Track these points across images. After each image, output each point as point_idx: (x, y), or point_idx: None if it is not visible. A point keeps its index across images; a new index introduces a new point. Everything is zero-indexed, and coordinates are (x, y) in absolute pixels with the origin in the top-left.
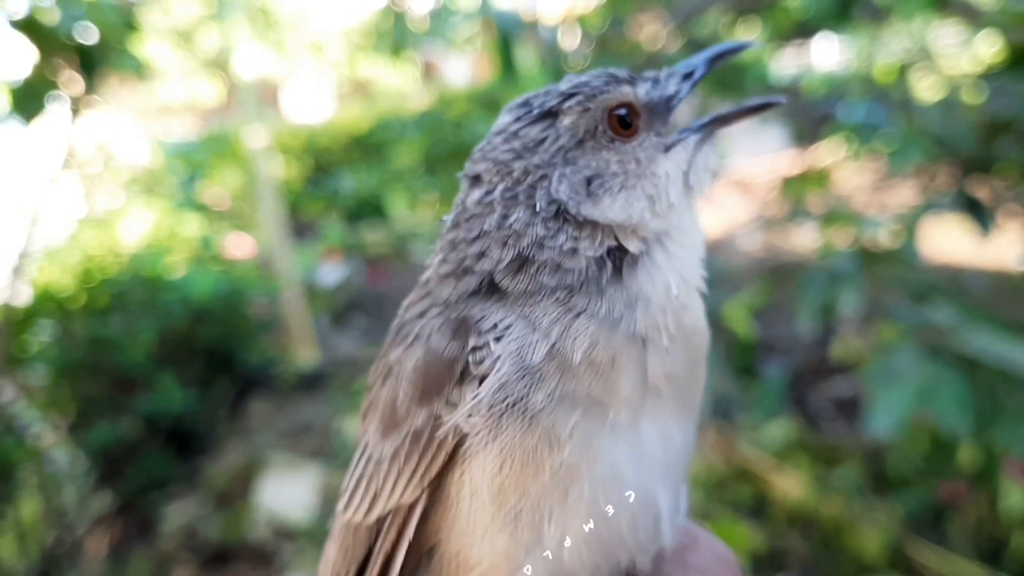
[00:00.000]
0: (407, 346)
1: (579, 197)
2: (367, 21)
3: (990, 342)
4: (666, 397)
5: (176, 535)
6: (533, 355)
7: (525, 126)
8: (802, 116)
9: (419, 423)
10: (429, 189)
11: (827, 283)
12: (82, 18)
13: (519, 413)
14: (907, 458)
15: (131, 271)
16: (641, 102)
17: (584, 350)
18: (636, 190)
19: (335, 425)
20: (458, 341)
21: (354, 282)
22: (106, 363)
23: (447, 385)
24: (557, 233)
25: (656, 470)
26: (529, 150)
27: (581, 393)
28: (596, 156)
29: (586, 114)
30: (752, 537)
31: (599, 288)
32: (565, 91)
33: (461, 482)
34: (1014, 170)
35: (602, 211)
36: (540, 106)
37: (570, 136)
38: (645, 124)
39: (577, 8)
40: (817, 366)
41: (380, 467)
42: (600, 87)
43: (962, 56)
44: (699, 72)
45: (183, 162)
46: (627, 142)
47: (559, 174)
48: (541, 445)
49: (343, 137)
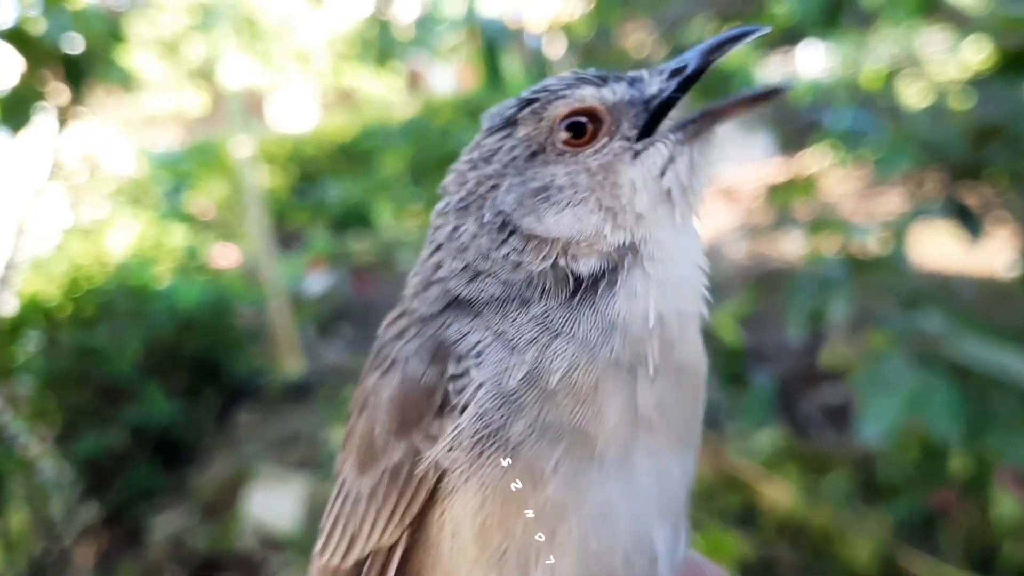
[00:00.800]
0: (384, 372)
1: (523, 210)
2: (352, 30)
3: (980, 349)
4: (661, 430)
5: (163, 545)
6: (509, 380)
7: (486, 136)
8: (788, 123)
9: (397, 458)
10: (415, 198)
11: (816, 290)
12: (68, 28)
13: (498, 445)
14: (897, 466)
15: (117, 281)
16: (608, 104)
17: (562, 373)
18: (588, 203)
19: (322, 435)
20: (436, 367)
21: (340, 291)
22: (93, 373)
23: (426, 416)
24: (501, 245)
25: (651, 508)
26: (485, 160)
27: (564, 423)
28: (545, 168)
29: (539, 124)
30: (741, 546)
31: (571, 308)
32: (526, 98)
33: (442, 521)
34: (1003, 176)
35: (546, 226)
36: (502, 114)
37: (524, 147)
38: (611, 129)
39: (563, 16)
40: (806, 374)
41: (358, 506)
42: (557, 93)
43: (950, 62)
44: (692, 67)
45: (169, 172)
46: (579, 152)
47: (508, 184)
48: (523, 481)
49: (329, 146)
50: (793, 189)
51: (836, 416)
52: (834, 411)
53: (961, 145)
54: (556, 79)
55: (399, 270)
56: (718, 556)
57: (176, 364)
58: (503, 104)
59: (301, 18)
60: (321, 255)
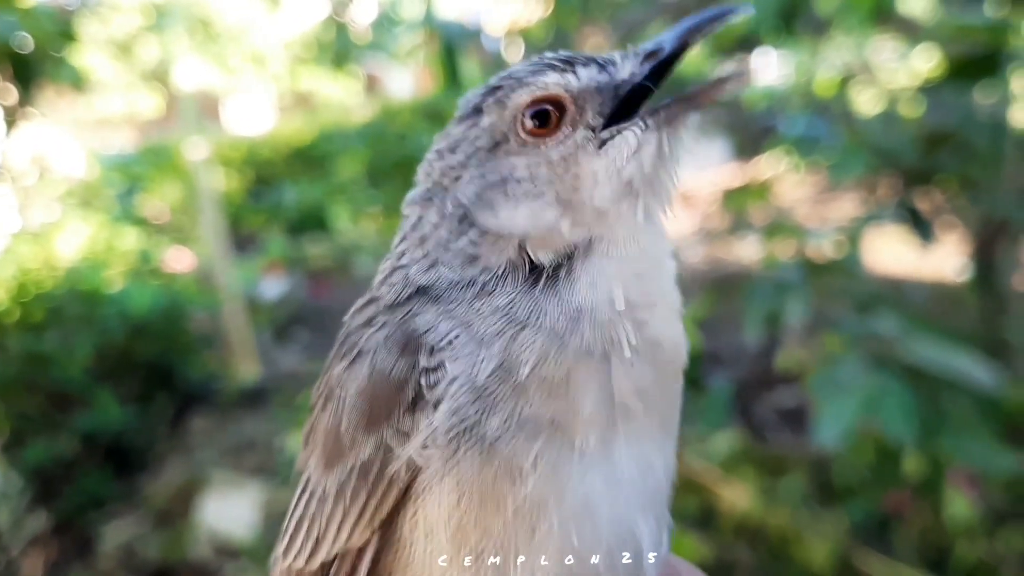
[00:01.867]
0: (351, 362)
1: (481, 203)
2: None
3: (933, 352)
4: (640, 417)
5: (115, 555)
6: (479, 374)
7: (455, 124)
8: (743, 129)
9: (366, 455)
10: (373, 202)
11: (772, 294)
12: (17, 27)
13: (475, 442)
14: (852, 468)
15: (67, 285)
16: (572, 92)
17: (532, 365)
18: (545, 197)
19: (278, 441)
20: (406, 359)
21: (296, 296)
22: (41, 379)
23: (396, 410)
24: (460, 237)
25: (635, 500)
26: (450, 149)
27: (541, 417)
28: (506, 160)
29: (503, 113)
30: (700, 549)
31: (534, 299)
32: (493, 85)
33: (415, 521)
34: (953, 182)
35: (499, 221)
36: (470, 102)
37: (488, 137)
38: (576, 118)
39: (521, 20)
40: (762, 377)
41: (324, 505)
42: (521, 80)
43: (901, 69)
44: (668, 49)
45: (121, 175)
46: (541, 143)
47: (469, 176)
48: (501, 477)
49: (285, 149)
50: (749, 194)
51: (792, 419)
52: (790, 414)
53: (912, 151)
54: (523, 64)
55: (356, 274)
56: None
57: (128, 369)
58: (476, 89)
59: (257, 20)
60: (277, 259)
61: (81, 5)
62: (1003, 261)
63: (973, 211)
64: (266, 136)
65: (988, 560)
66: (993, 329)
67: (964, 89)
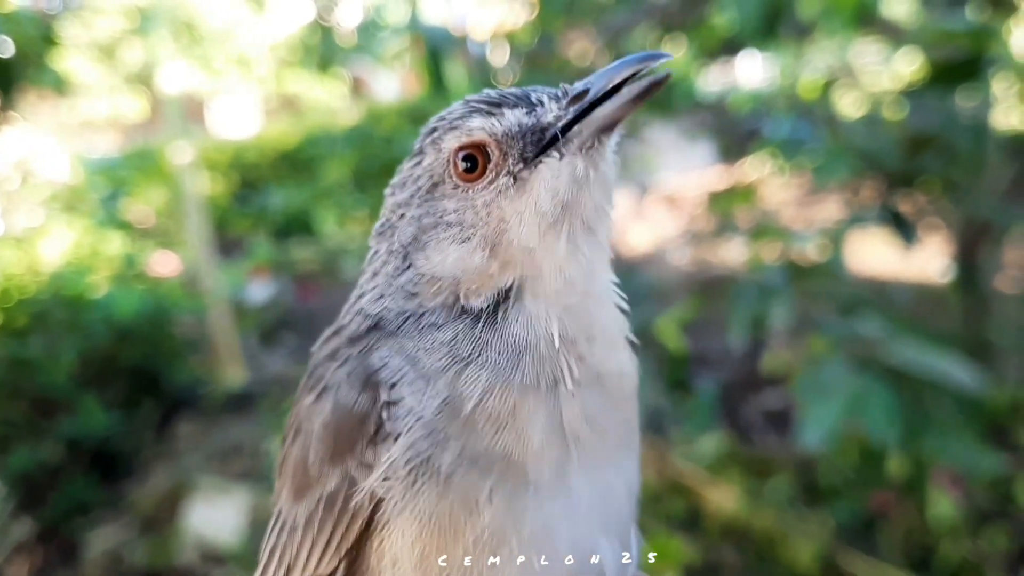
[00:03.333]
0: (316, 397)
1: (416, 245)
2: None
3: (916, 353)
4: (593, 443)
5: (100, 561)
6: (426, 410)
7: (405, 161)
8: (729, 132)
9: (332, 486)
10: (359, 205)
11: (757, 297)
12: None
13: (431, 475)
14: (837, 469)
15: (51, 290)
16: (496, 136)
17: (476, 401)
18: (473, 240)
19: (264, 446)
20: (368, 394)
21: (283, 300)
22: (26, 385)
23: (359, 443)
24: (401, 274)
25: (594, 523)
26: (400, 186)
27: (492, 450)
28: (441, 202)
29: (439, 155)
30: (686, 550)
31: (476, 335)
32: (431, 126)
33: (381, 551)
34: (936, 184)
35: (432, 265)
36: (420, 138)
37: (427, 178)
38: (499, 163)
39: (506, 24)
40: (747, 379)
41: (294, 535)
42: (451, 123)
43: (883, 73)
44: (593, 91)
45: (106, 179)
46: (471, 187)
47: (409, 216)
48: (458, 509)
49: (271, 153)
50: (734, 197)
51: (778, 420)
52: (776, 415)
53: (896, 154)
54: (458, 105)
55: (343, 278)
56: (665, 561)
57: (113, 375)
58: (427, 124)
59: (242, 23)
60: (263, 263)
61: (63, 9)
62: (986, 262)
63: (956, 213)
64: (252, 139)
65: (972, 559)
66: (976, 330)
67: (946, 92)
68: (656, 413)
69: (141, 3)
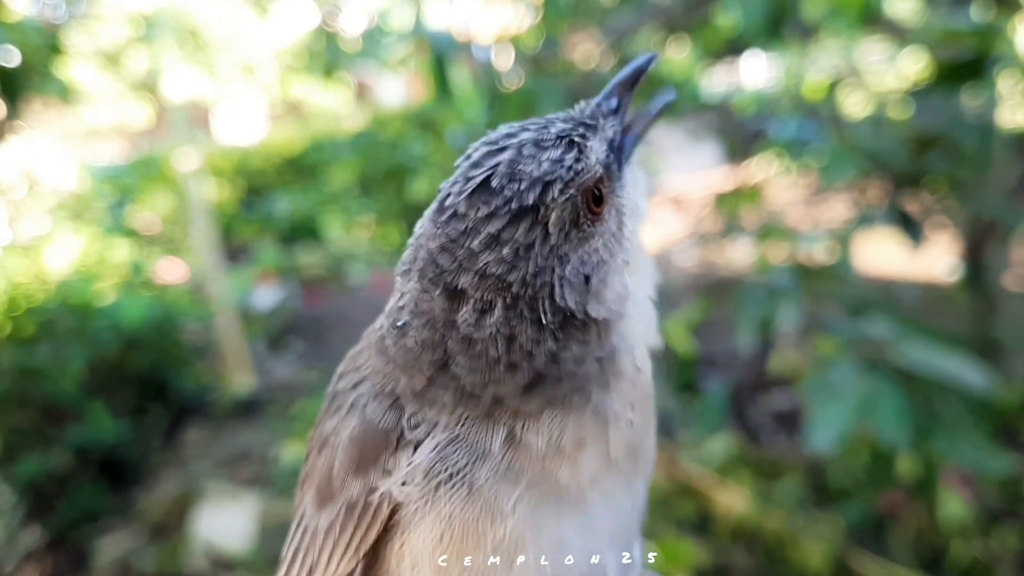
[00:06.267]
0: (343, 416)
1: (584, 298)
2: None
3: (925, 354)
4: (624, 468)
5: (109, 569)
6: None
7: (506, 226)
8: (734, 133)
9: (354, 494)
10: (365, 210)
11: (765, 298)
12: (4, 40)
13: (458, 482)
14: (847, 470)
15: (59, 299)
16: (603, 162)
17: (552, 440)
18: (616, 263)
19: (273, 452)
20: (395, 412)
21: (290, 305)
22: (34, 394)
23: (383, 454)
24: (569, 344)
25: (604, 537)
26: (521, 258)
27: (535, 470)
28: (584, 247)
29: (569, 204)
30: (696, 553)
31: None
32: (539, 176)
33: (401, 554)
34: (942, 184)
35: (607, 307)
36: (513, 199)
37: (558, 232)
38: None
39: (511, 28)
40: (756, 380)
41: (316, 539)
42: (573, 166)
43: (889, 72)
44: (622, 102)
45: (112, 186)
46: (601, 217)
47: (559, 279)
48: (483, 516)
49: (276, 159)
50: (740, 197)
51: (787, 422)
52: (785, 417)
53: (902, 154)
54: (549, 149)
55: (350, 283)
56: (674, 564)
57: (121, 382)
58: (485, 169)
59: (246, 29)
60: (270, 269)
61: (68, 17)
62: (993, 261)
63: (963, 212)
64: (257, 146)
65: (983, 559)
66: (984, 329)
67: (952, 92)
68: (665, 415)
69: (146, 11)
